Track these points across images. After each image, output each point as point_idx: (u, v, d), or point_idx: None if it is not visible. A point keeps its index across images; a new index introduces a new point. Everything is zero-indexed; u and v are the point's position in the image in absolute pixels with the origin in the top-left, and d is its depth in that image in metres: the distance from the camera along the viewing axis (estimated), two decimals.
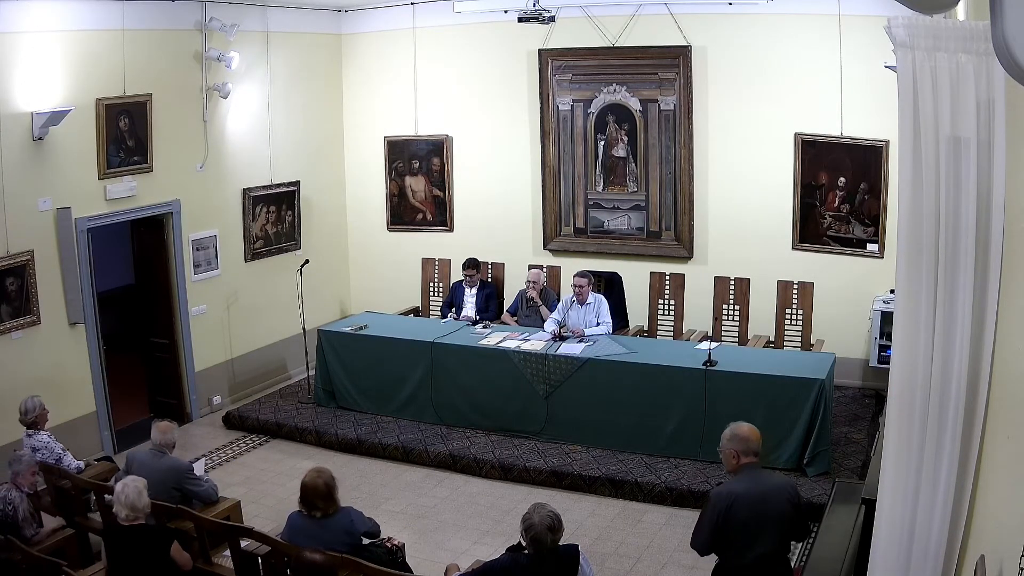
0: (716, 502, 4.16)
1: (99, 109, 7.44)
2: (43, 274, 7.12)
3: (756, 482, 4.21)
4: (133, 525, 4.63)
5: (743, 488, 4.16)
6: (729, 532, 4.14)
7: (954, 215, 2.99)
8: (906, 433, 3.19)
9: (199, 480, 5.75)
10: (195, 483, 5.69)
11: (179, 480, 5.59)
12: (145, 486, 4.74)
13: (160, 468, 5.49)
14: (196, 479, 5.72)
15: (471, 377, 7.92)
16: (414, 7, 9.62)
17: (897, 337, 3.22)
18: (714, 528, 4.16)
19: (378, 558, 4.69)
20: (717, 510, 4.15)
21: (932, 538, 3.10)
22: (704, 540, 4.22)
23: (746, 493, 4.14)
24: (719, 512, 4.14)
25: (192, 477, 5.69)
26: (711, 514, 4.16)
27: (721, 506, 4.14)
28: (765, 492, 4.20)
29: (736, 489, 4.16)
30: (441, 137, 9.93)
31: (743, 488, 4.16)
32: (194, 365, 8.64)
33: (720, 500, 4.15)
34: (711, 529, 4.16)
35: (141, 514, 4.67)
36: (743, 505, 4.12)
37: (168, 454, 5.66)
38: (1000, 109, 2.88)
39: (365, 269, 10.62)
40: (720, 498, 4.16)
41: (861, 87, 7.99)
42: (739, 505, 4.12)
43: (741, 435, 4.23)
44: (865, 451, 7.10)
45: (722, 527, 4.13)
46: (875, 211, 8.23)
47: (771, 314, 8.34)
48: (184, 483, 5.61)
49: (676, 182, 8.99)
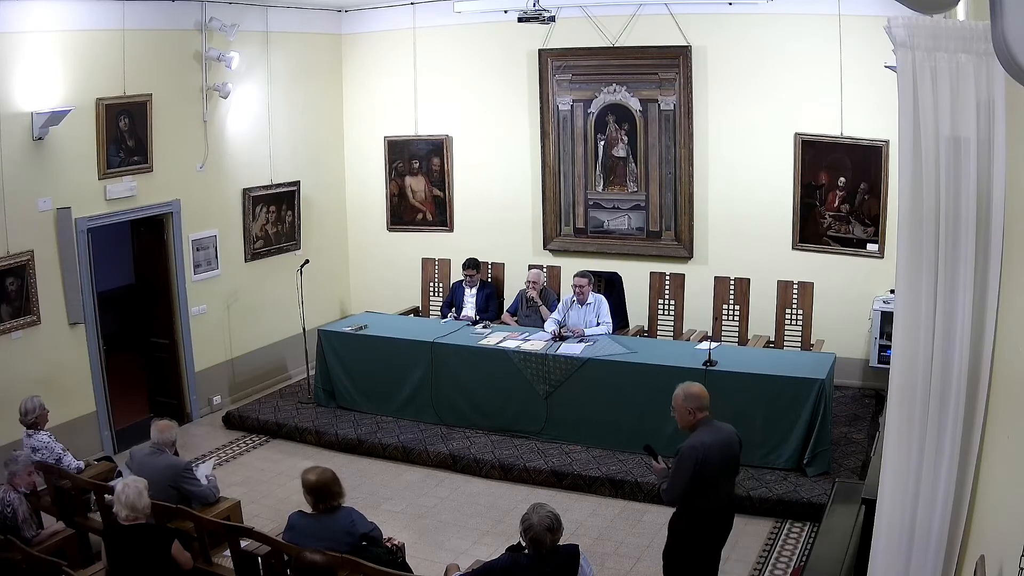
0: (691, 455, 4.57)
1: (99, 109, 7.44)
2: (43, 274, 7.12)
3: (716, 432, 4.70)
4: (133, 525, 4.63)
5: (710, 439, 4.63)
6: (703, 480, 4.58)
7: (954, 215, 2.99)
8: (906, 433, 3.19)
9: (196, 480, 5.71)
10: (192, 482, 5.66)
11: (176, 479, 5.55)
12: (146, 487, 4.74)
13: (158, 466, 5.49)
14: (193, 478, 5.69)
15: (471, 377, 7.92)
16: (414, 7, 9.62)
17: (897, 337, 3.22)
18: (692, 479, 4.56)
19: (378, 558, 4.69)
20: (695, 462, 4.56)
21: (932, 538, 3.10)
22: (681, 492, 4.62)
23: (714, 443, 4.64)
24: (696, 463, 4.56)
25: (189, 476, 5.66)
26: (689, 467, 4.56)
27: (698, 457, 4.56)
28: (725, 439, 4.72)
29: (705, 440, 4.62)
30: (441, 137, 9.93)
31: (710, 439, 4.63)
32: (194, 365, 8.64)
33: (695, 452, 4.57)
34: (689, 480, 4.57)
35: (141, 514, 4.67)
36: (714, 453, 4.61)
37: (167, 453, 5.66)
38: (1000, 109, 2.87)
39: (365, 269, 10.62)
40: (695, 451, 4.57)
41: (861, 87, 7.99)
42: (711, 454, 4.59)
43: (694, 393, 4.69)
44: (865, 451, 7.10)
45: (698, 476, 4.56)
46: (875, 211, 8.23)
47: (771, 314, 8.34)
48: (181, 482, 5.58)
49: (676, 182, 8.99)
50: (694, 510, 4.70)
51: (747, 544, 6.19)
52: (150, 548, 4.62)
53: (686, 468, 4.56)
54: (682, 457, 4.59)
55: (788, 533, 6.33)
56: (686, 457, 4.57)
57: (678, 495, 4.64)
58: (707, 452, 4.58)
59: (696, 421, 4.69)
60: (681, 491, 4.61)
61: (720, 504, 4.77)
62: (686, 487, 4.58)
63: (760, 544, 6.20)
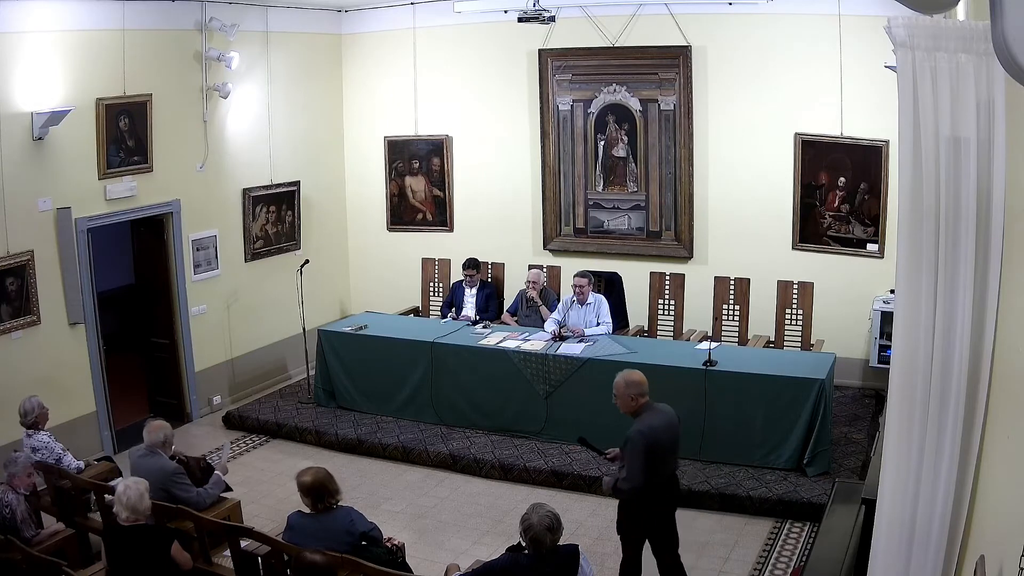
0: (642, 440, 4.86)
1: (99, 109, 7.44)
2: (43, 274, 7.12)
3: (658, 414, 5.01)
4: (133, 526, 4.62)
5: (656, 422, 4.95)
6: (654, 461, 4.89)
7: (954, 215, 2.99)
8: (906, 433, 3.19)
9: (187, 484, 5.58)
10: (182, 487, 5.53)
11: (165, 482, 5.43)
12: (147, 488, 4.70)
13: (151, 469, 5.40)
14: (184, 483, 5.56)
15: (471, 377, 7.92)
16: (414, 7, 9.62)
17: (897, 337, 3.22)
18: (646, 463, 4.85)
19: (378, 558, 4.69)
20: (646, 446, 4.85)
21: (932, 538, 3.10)
22: (641, 477, 4.88)
23: (660, 424, 4.95)
24: (648, 447, 4.85)
25: (179, 481, 5.54)
26: (643, 453, 4.84)
27: (649, 442, 4.86)
28: (668, 420, 5.05)
29: (652, 423, 4.93)
30: (441, 137, 9.93)
31: (656, 422, 4.95)
32: (194, 365, 8.64)
33: (645, 437, 4.87)
34: (644, 465, 4.85)
35: (142, 516, 4.65)
36: (661, 435, 4.94)
37: (161, 454, 5.56)
38: (1000, 109, 2.87)
39: (365, 269, 10.62)
40: (644, 436, 4.87)
41: (861, 87, 7.99)
42: (659, 436, 4.92)
43: (636, 380, 4.99)
44: (865, 451, 7.10)
45: (650, 458, 4.86)
46: (875, 211, 8.23)
47: (771, 314, 8.34)
48: (170, 486, 5.47)
49: (676, 182, 8.99)
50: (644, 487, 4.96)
51: (747, 544, 6.19)
52: (150, 549, 4.62)
53: (639, 452, 4.85)
54: (634, 443, 4.87)
55: (788, 533, 6.33)
56: (638, 442, 4.86)
57: (639, 481, 4.89)
58: (656, 434, 4.90)
59: (639, 406, 4.99)
60: (640, 476, 4.87)
61: (667, 478, 5.12)
62: (644, 471, 4.86)
63: (760, 544, 6.20)
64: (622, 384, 5.01)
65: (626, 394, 5.00)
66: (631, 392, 4.99)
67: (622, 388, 5.01)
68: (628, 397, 5.00)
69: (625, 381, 5.01)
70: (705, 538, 6.29)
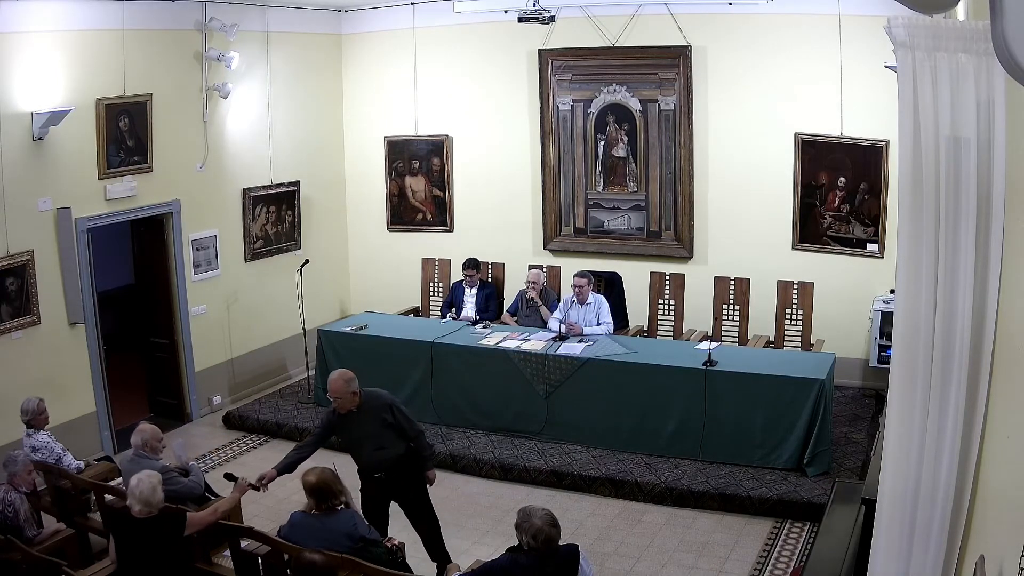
0: (397, 400, 5.68)
1: (99, 109, 7.44)
2: (43, 274, 7.12)
3: (370, 391, 5.60)
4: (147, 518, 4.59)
5: (379, 390, 5.67)
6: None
7: (954, 215, 2.99)
8: (906, 433, 3.19)
9: (177, 480, 5.56)
10: (172, 483, 5.47)
11: None
12: (160, 482, 4.66)
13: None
14: (173, 479, 5.52)
15: (471, 377, 7.92)
16: (414, 7, 9.62)
17: (897, 339, 3.22)
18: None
19: (378, 558, 4.69)
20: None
21: (932, 538, 3.10)
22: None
23: (384, 391, 5.70)
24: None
25: (169, 477, 5.44)
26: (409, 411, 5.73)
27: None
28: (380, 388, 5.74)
29: (382, 391, 5.67)
30: (441, 137, 9.93)
31: (379, 390, 5.67)
32: (194, 365, 8.64)
33: (395, 398, 5.70)
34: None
35: (155, 509, 4.61)
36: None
37: (151, 457, 5.51)
38: (1000, 109, 2.87)
39: (365, 269, 10.62)
40: (394, 398, 5.68)
41: (861, 87, 7.99)
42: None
43: (349, 376, 5.40)
44: (865, 451, 7.10)
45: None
46: (875, 211, 8.23)
47: (771, 314, 8.34)
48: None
49: (676, 182, 8.99)
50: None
51: (747, 544, 6.19)
52: (165, 534, 4.60)
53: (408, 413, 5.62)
54: (396, 403, 5.57)
55: (788, 533, 6.33)
56: (396, 400, 5.63)
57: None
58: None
59: (360, 395, 5.43)
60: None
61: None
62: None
63: (760, 544, 6.20)
64: (340, 381, 5.36)
65: (347, 389, 5.36)
66: (353, 387, 5.38)
67: (341, 384, 5.35)
68: (349, 392, 5.37)
69: (344, 378, 5.38)
70: (705, 538, 6.29)
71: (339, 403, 5.41)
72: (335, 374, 5.47)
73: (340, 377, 5.41)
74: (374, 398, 5.52)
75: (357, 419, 5.45)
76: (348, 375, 5.44)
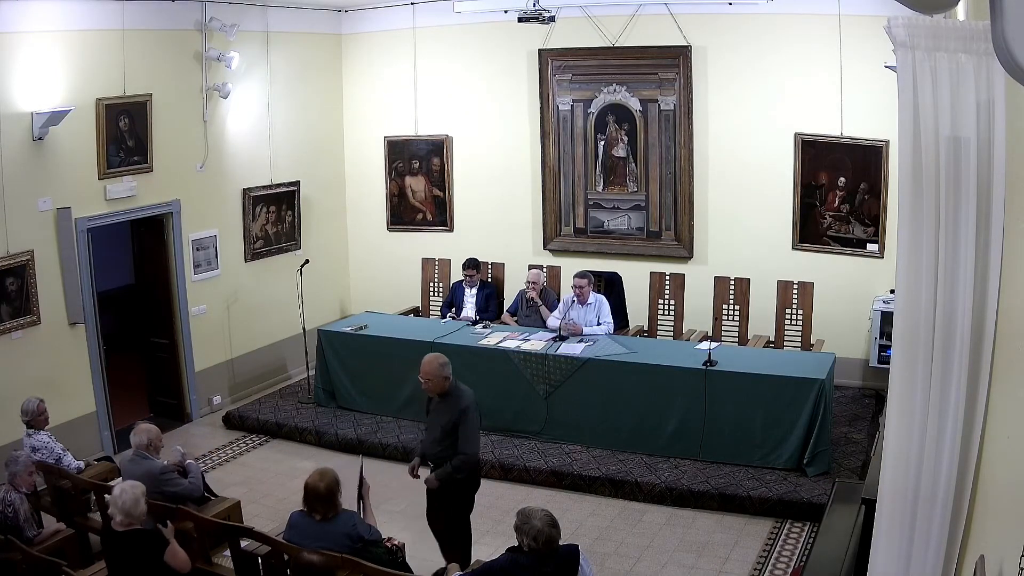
0: (475, 408, 5.40)
1: (99, 109, 7.44)
2: (43, 274, 7.12)
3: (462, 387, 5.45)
4: (128, 530, 4.51)
5: (469, 392, 5.43)
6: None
7: (954, 215, 2.99)
8: (906, 433, 3.19)
9: (176, 480, 5.56)
10: (172, 484, 5.50)
11: (156, 483, 5.35)
12: (143, 493, 4.59)
13: (140, 473, 5.29)
14: (172, 480, 5.53)
15: (471, 377, 7.87)
16: (414, 7, 9.62)
17: (897, 339, 3.22)
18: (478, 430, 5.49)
19: (378, 558, 4.68)
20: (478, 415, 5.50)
21: (932, 538, 3.10)
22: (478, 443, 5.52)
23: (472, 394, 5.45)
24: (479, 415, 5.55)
25: (168, 478, 5.50)
26: (477, 419, 5.44)
27: (478, 410, 5.51)
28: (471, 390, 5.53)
29: (470, 393, 5.42)
30: (441, 137, 9.93)
31: (469, 392, 5.43)
32: (194, 365, 8.64)
33: (476, 406, 5.43)
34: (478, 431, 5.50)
35: (137, 520, 4.51)
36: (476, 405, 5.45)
37: (150, 457, 5.50)
38: (1000, 109, 2.87)
39: (365, 269, 10.62)
40: (475, 405, 5.41)
41: (861, 87, 7.99)
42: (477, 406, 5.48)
43: (445, 360, 5.39)
44: (865, 451, 7.10)
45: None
46: (875, 211, 8.23)
47: (771, 314, 8.34)
48: (162, 486, 5.40)
49: (676, 182, 8.99)
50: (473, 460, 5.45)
51: (747, 544, 6.19)
52: (144, 554, 4.54)
53: (475, 421, 5.40)
54: (469, 414, 5.33)
55: (788, 533, 6.33)
56: (472, 412, 5.35)
57: (478, 446, 5.51)
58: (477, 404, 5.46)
59: (450, 383, 5.38)
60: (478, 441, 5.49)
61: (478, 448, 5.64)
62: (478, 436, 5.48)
63: (760, 544, 6.20)
64: (434, 366, 5.33)
65: (440, 374, 5.32)
66: (445, 372, 5.33)
67: (436, 368, 5.32)
68: (442, 376, 5.32)
69: (439, 362, 5.35)
70: (705, 538, 6.29)
71: (428, 385, 5.39)
72: (430, 355, 5.45)
73: (435, 359, 5.39)
74: (459, 396, 5.40)
75: (437, 406, 5.47)
76: (443, 359, 5.41)
